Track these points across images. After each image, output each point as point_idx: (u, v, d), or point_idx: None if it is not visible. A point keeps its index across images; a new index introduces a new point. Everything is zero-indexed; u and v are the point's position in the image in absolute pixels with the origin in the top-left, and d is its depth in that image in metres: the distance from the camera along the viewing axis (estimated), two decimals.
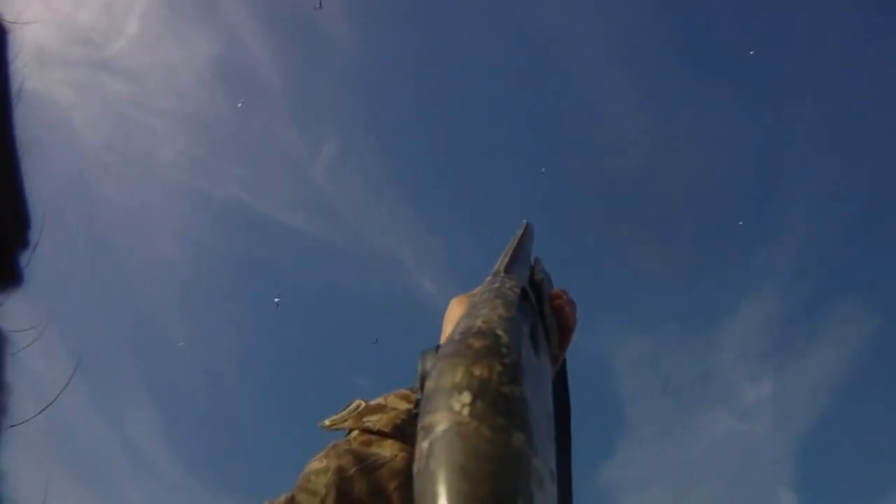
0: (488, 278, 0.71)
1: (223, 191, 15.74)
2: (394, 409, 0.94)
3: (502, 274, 0.72)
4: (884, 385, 16.30)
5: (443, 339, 0.91)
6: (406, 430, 0.90)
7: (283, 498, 0.84)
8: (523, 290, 0.69)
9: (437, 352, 0.69)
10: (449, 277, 17.17)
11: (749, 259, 16.76)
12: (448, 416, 0.51)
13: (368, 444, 0.91)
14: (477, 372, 0.53)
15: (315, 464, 0.89)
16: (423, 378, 0.75)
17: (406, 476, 0.86)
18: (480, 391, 0.52)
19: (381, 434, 0.91)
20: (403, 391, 0.96)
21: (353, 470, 0.87)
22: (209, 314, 16.82)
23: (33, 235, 0.54)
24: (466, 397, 0.51)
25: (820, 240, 16.26)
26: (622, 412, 16.57)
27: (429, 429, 0.52)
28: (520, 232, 0.97)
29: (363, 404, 0.96)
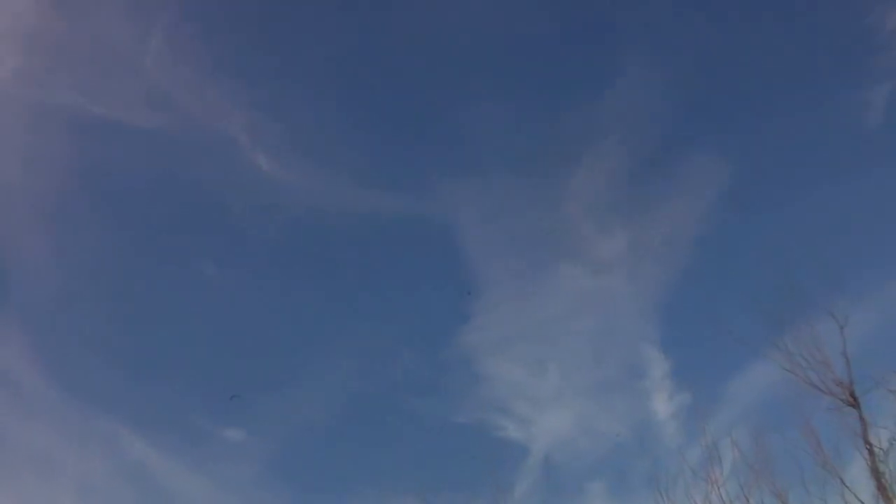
0: None
1: (62, 99, 15.66)
2: None
3: None
4: (739, 236, 16.70)
5: None
6: None
7: None
8: None
9: None
10: (287, 150, 17.03)
11: (591, 108, 16.92)
12: None
13: None
14: None
15: None
16: None
17: None
18: None
19: None
20: None
21: None
22: (65, 225, 16.50)
23: None
24: None
25: (665, 88, 16.51)
26: (473, 274, 16.72)
27: None
28: None
29: None
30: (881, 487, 11.03)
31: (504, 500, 11.34)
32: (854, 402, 11.72)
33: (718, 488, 11.67)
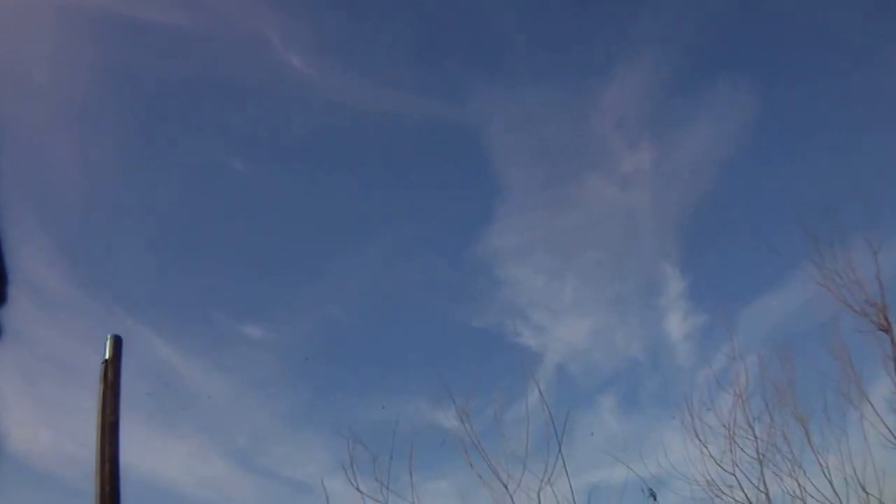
0: None
1: (88, 0, 15.29)
2: None
3: None
4: (768, 163, 16.55)
5: None
6: None
7: None
8: None
9: None
10: (320, 51, 16.83)
11: (626, 24, 16.39)
12: None
13: None
14: None
15: None
16: None
17: None
18: None
19: None
20: None
21: None
22: (90, 125, 16.38)
23: (11, 290, 0.59)
24: None
25: (703, 9, 15.84)
26: (498, 178, 16.64)
27: None
28: None
29: None
30: None
31: (522, 401, 11.44)
32: (886, 326, 11.45)
33: (743, 402, 11.61)
